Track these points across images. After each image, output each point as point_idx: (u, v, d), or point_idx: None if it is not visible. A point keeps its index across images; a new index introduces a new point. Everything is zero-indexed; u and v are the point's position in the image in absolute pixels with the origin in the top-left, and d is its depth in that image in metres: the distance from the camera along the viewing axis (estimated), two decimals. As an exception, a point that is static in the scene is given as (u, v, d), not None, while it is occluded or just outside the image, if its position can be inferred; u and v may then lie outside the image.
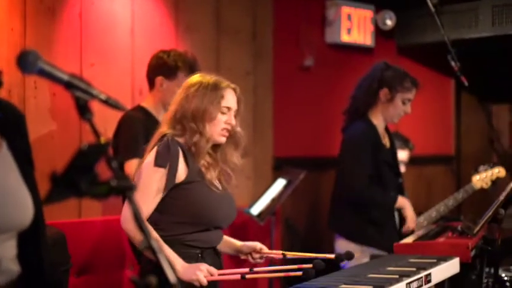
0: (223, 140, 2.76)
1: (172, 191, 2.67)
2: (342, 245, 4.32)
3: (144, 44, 4.31)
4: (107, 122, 3.71)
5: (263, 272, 2.82)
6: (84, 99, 1.52)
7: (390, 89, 4.23)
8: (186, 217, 2.68)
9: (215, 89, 2.72)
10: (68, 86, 1.53)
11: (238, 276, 2.65)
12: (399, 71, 4.32)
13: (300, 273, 2.63)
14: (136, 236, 2.59)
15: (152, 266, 2.45)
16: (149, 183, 2.63)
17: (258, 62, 5.13)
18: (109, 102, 1.57)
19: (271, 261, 3.68)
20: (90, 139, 1.46)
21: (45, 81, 1.64)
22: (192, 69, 3.55)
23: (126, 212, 2.62)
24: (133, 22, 4.28)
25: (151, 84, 3.73)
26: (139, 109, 3.71)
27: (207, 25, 4.78)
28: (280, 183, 4.64)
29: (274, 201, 4.55)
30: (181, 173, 2.67)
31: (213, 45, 4.82)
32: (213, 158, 2.82)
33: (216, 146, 2.82)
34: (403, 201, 4.25)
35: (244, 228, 4.66)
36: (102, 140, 1.47)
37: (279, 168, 5.12)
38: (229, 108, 2.75)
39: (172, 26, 4.54)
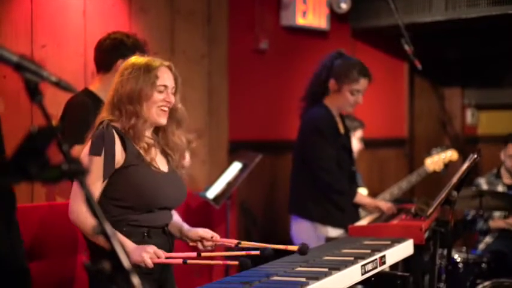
0: (163, 120, 2.77)
1: (113, 177, 2.68)
2: (298, 226, 4.32)
3: (96, 25, 4.23)
4: (58, 105, 3.63)
5: (210, 258, 2.78)
6: (35, 81, 1.48)
7: (337, 79, 4.20)
8: (128, 201, 2.68)
9: (148, 70, 2.73)
10: (18, 67, 1.49)
11: (180, 261, 2.60)
12: (348, 61, 4.24)
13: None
14: (87, 222, 2.57)
15: (104, 251, 2.41)
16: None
17: (212, 45, 5.08)
18: (60, 85, 1.52)
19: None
20: (42, 122, 1.42)
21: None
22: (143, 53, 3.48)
23: (75, 202, 2.63)
24: (85, 3, 4.20)
25: (107, 67, 3.62)
26: (87, 93, 3.59)
27: (160, 7, 4.72)
28: (235, 167, 4.63)
29: (229, 184, 4.53)
30: (119, 157, 2.68)
31: (167, 27, 4.76)
32: (155, 139, 2.83)
33: (158, 127, 2.83)
34: (361, 198, 4.25)
35: (199, 212, 4.64)
36: (53, 123, 1.43)
37: (235, 151, 5.10)
38: (165, 87, 2.76)
39: (125, 7, 4.47)
